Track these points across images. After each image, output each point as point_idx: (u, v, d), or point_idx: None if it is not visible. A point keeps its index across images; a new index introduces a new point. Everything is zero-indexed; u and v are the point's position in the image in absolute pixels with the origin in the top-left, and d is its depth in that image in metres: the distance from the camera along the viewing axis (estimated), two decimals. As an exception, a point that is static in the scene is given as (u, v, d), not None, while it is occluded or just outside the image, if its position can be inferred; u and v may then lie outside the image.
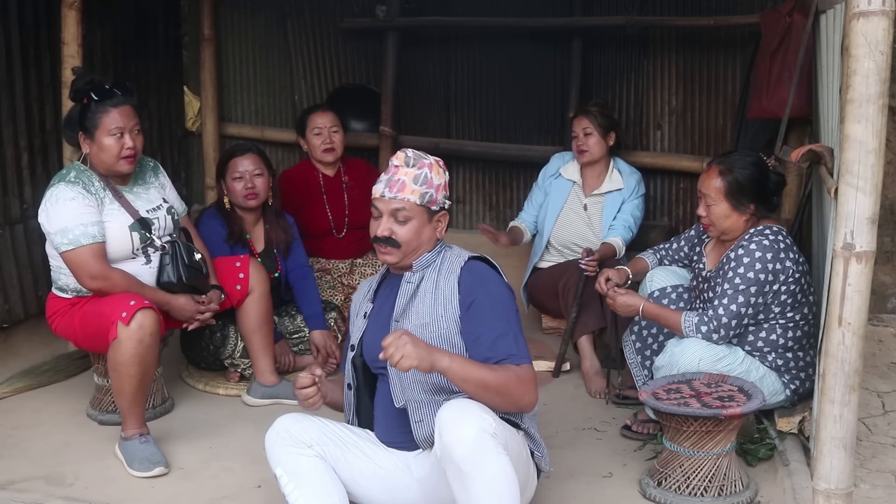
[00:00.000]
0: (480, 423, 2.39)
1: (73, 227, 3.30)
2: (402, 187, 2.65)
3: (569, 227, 4.50)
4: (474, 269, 2.67)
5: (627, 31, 4.96)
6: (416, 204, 2.65)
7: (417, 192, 2.65)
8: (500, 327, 2.57)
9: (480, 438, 2.37)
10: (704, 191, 3.34)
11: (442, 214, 2.72)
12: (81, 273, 3.33)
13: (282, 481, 2.62)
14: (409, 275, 2.71)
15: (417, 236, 2.67)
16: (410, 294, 2.69)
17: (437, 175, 2.70)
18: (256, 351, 3.83)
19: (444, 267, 2.69)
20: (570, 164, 4.57)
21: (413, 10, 5.30)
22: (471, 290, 2.62)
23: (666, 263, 3.77)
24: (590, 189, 4.51)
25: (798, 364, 3.34)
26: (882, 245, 4.70)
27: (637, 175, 4.55)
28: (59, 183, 3.38)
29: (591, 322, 4.12)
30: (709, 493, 2.96)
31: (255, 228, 4.19)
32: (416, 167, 2.67)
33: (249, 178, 4.05)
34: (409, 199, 2.64)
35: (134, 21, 5.02)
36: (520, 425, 2.66)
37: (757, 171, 3.32)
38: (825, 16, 3.40)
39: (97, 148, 3.39)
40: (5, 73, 4.17)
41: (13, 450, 3.42)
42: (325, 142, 4.64)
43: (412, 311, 2.67)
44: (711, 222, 3.36)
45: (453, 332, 2.62)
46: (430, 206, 2.68)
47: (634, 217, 4.45)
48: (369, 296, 2.83)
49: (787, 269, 3.22)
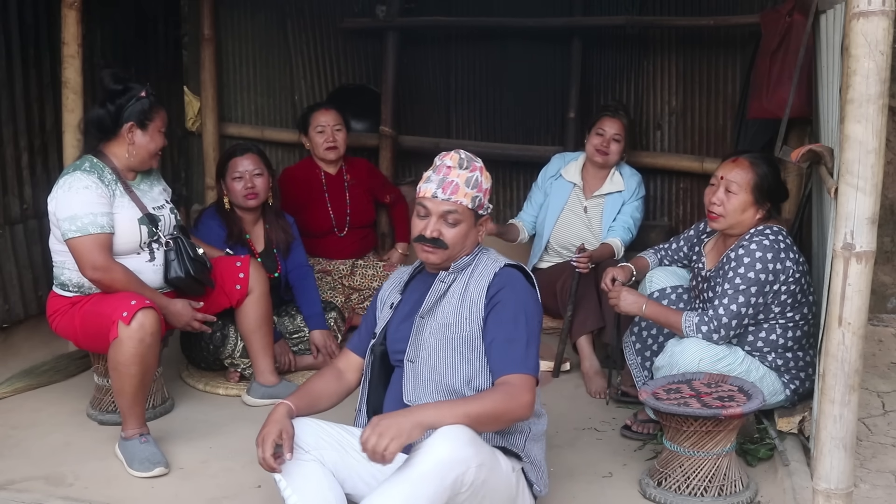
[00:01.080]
0: (461, 468, 2.34)
1: (83, 214, 3.31)
2: (455, 189, 2.65)
3: (568, 228, 4.50)
4: (507, 274, 2.68)
5: (627, 31, 4.96)
6: (467, 207, 2.66)
7: (469, 195, 2.66)
8: (515, 332, 2.57)
9: (448, 472, 2.32)
10: (730, 178, 3.31)
11: (485, 219, 2.74)
12: (84, 262, 3.33)
13: (281, 485, 2.62)
14: (444, 275, 2.72)
15: (463, 239, 2.68)
16: (440, 294, 2.70)
17: (486, 179, 2.71)
18: (256, 351, 3.83)
19: (478, 270, 2.70)
20: (571, 166, 4.57)
21: (413, 10, 5.31)
22: (498, 293, 2.63)
23: (666, 263, 3.77)
24: (590, 191, 4.51)
25: (798, 364, 3.34)
26: (882, 245, 4.70)
27: (638, 177, 4.55)
28: (75, 171, 3.39)
29: (589, 322, 4.12)
30: (709, 493, 2.96)
31: (254, 228, 4.19)
32: (468, 170, 2.67)
33: (249, 178, 4.05)
34: (461, 203, 2.65)
35: (134, 21, 5.02)
36: (521, 457, 2.65)
37: (778, 173, 3.38)
38: (825, 16, 3.40)
39: (147, 139, 3.47)
40: (5, 73, 4.17)
41: (13, 450, 3.42)
42: (327, 140, 4.64)
43: (438, 310, 2.68)
44: (725, 212, 3.33)
45: (475, 334, 2.63)
46: (479, 210, 2.69)
47: (634, 219, 4.45)
48: (399, 287, 2.83)
49: (787, 269, 3.22)
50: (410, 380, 2.67)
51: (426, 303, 2.71)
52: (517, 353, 2.55)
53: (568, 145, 5.05)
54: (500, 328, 2.58)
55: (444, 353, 2.64)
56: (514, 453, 2.64)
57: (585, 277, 4.15)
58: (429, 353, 2.66)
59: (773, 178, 3.34)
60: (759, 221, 3.33)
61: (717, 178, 3.37)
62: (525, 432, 2.68)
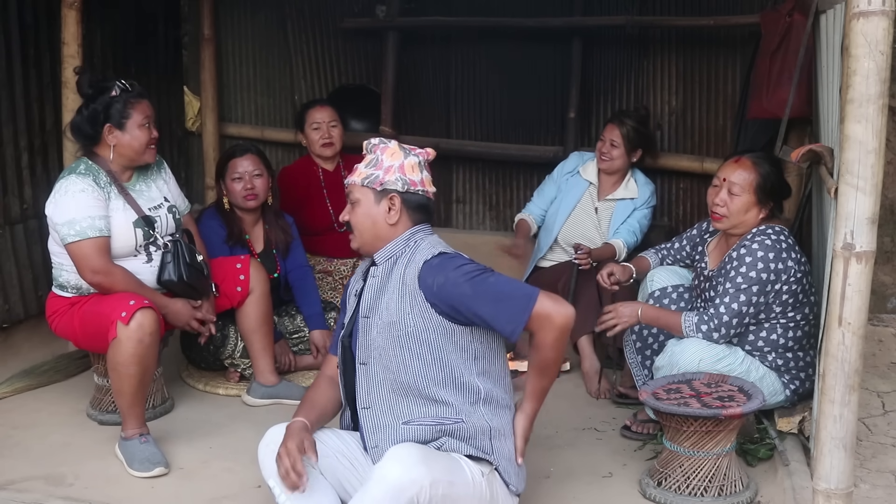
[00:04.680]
0: (414, 489, 2.35)
1: (81, 218, 3.30)
2: (354, 171, 2.70)
3: (578, 226, 4.48)
4: (433, 261, 2.58)
5: (627, 30, 4.96)
6: (360, 185, 2.67)
7: (363, 173, 2.67)
8: (487, 293, 2.50)
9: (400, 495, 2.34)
10: (733, 179, 3.31)
11: (391, 197, 2.65)
12: (84, 266, 3.33)
13: (275, 492, 2.62)
14: (374, 269, 2.69)
15: (365, 219, 2.66)
16: (377, 289, 2.65)
17: (391, 157, 2.67)
18: (256, 351, 3.83)
19: (413, 259, 2.61)
20: (589, 165, 4.55)
21: (413, 10, 5.30)
22: (433, 277, 2.54)
23: (668, 263, 3.77)
24: (604, 193, 4.50)
25: (798, 364, 3.34)
26: (882, 245, 4.70)
27: (651, 186, 4.54)
28: (70, 175, 3.39)
29: (589, 321, 4.11)
30: (709, 493, 2.96)
31: (254, 229, 4.19)
32: (371, 152, 2.70)
33: (249, 178, 4.05)
34: (354, 182, 2.68)
35: (134, 21, 5.02)
36: (490, 461, 2.62)
37: (780, 173, 3.38)
38: (825, 16, 3.40)
39: (129, 137, 3.42)
40: (5, 73, 4.17)
41: (13, 450, 3.42)
42: (323, 136, 4.64)
43: (382, 306, 2.63)
44: (728, 213, 3.33)
45: (421, 327, 2.57)
46: (375, 187, 2.65)
47: (641, 225, 4.45)
48: (362, 275, 2.77)
49: (789, 269, 3.22)
50: (363, 383, 2.66)
51: (363, 301, 2.67)
52: (515, 304, 2.50)
53: (568, 145, 5.04)
54: (477, 305, 2.50)
55: (393, 352, 2.60)
56: (487, 460, 2.60)
57: (585, 278, 4.14)
58: (379, 354, 2.62)
59: (775, 178, 3.34)
60: (762, 221, 3.33)
61: (719, 178, 3.36)
62: (487, 432, 2.62)
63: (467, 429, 2.59)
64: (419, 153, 2.71)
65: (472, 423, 2.60)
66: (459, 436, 2.59)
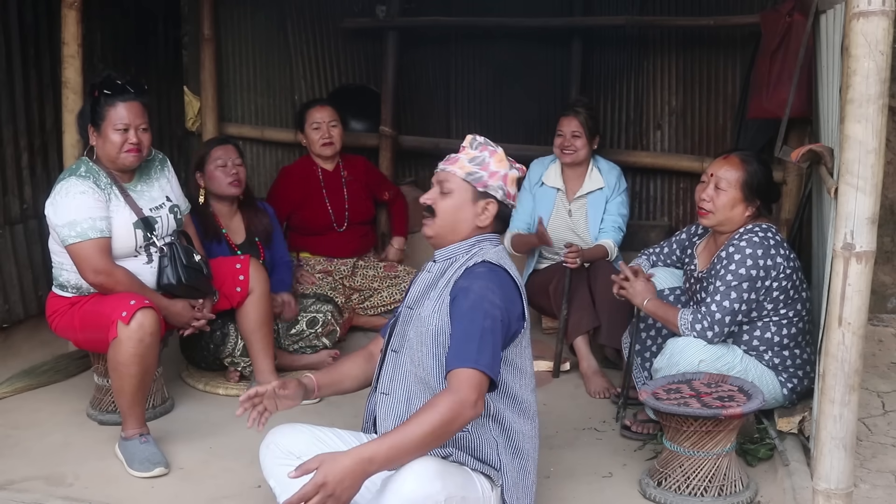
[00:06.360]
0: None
1: (81, 220, 3.31)
2: (454, 161, 2.67)
3: (555, 233, 4.43)
4: (476, 269, 2.59)
5: (627, 31, 4.97)
6: (460, 179, 2.64)
7: (467, 168, 2.65)
8: (468, 327, 2.47)
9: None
10: (720, 175, 3.33)
11: (489, 202, 2.65)
12: (85, 267, 3.33)
13: (276, 492, 2.63)
14: (431, 265, 2.71)
15: (455, 212, 2.65)
16: (428, 284, 2.68)
17: (497, 163, 2.67)
18: (256, 351, 3.83)
19: (466, 264, 2.61)
20: (550, 170, 4.53)
21: (413, 10, 5.31)
22: (460, 287, 2.56)
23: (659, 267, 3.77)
24: (572, 193, 4.48)
25: (795, 362, 3.34)
26: (882, 245, 4.70)
27: (616, 170, 4.51)
28: (70, 177, 3.39)
29: (584, 322, 4.12)
30: (709, 493, 2.96)
31: (231, 221, 4.21)
32: (476, 150, 2.68)
33: (232, 165, 4.13)
34: (454, 172, 2.65)
35: (134, 21, 5.02)
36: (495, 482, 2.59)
37: (770, 173, 3.40)
38: (825, 16, 3.40)
39: (103, 140, 3.41)
40: (5, 73, 4.17)
41: (13, 450, 3.42)
42: (323, 136, 4.66)
43: (426, 301, 2.65)
44: (714, 209, 3.34)
45: (441, 328, 2.57)
46: (477, 186, 2.64)
47: (622, 215, 4.42)
48: (428, 266, 2.76)
49: (778, 266, 3.23)
50: (389, 370, 2.67)
51: (411, 293, 2.70)
52: (469, 348, 2.43)
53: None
54: (455, 323, 2.51)
55: (418, 347, 2.62)
56: (490, 476, 2.59)
57: (578, 278, 4.14)
58: (410, 346, 2.65)
59: (762, 177, 3.34)
60: (748, 219, 3.34)
61: (707, 174, 3.39)
62: (493, 445, 2.61)
63: (472, 439, 2.58)
64: (519, 168, 2.73)
65: (478, 434, 2.59)
66: (464, 446, 2.58)
